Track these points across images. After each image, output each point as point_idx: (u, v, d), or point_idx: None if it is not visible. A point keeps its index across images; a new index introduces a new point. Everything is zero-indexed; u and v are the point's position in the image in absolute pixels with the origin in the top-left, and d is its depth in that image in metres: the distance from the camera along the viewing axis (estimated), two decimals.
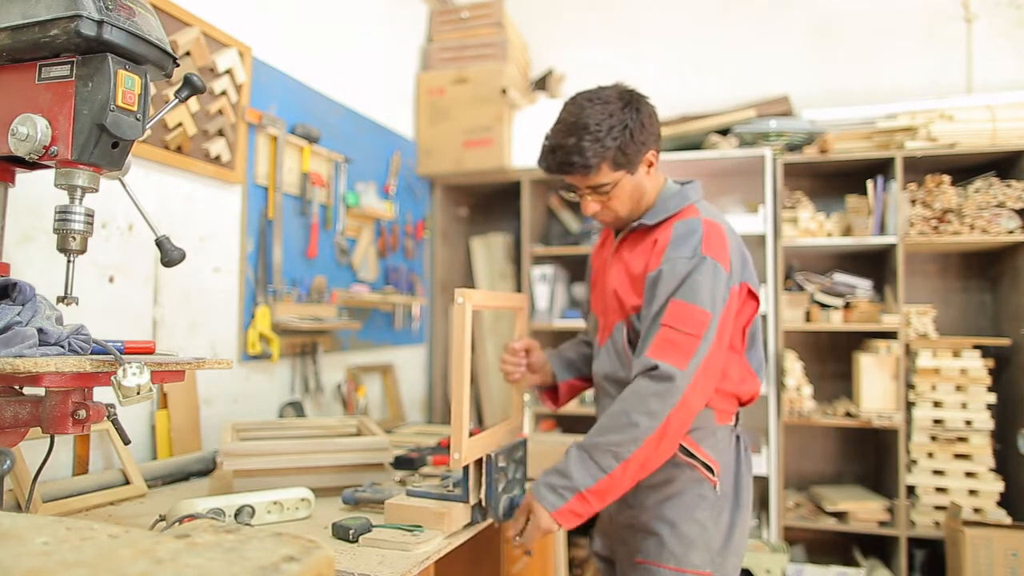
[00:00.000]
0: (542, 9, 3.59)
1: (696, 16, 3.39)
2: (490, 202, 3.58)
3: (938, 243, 2.70)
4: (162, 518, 1.15)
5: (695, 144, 3.02)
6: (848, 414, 2.74)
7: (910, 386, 2.70)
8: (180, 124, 1.79)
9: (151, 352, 1.09)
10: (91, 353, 0.99)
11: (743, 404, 1.52)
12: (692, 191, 1.50)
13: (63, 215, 1.05)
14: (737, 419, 1.52)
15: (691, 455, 1.43)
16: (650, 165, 1.46)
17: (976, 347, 2.66)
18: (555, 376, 1.71)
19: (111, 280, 1.63)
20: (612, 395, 1.49)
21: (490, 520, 1.35)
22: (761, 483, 2.69)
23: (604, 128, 1.37)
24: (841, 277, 2.88)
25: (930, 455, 2.65)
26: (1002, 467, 2.65)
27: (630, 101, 1.43)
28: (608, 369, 1.51)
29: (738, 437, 1.50)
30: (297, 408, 2.22)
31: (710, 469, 1.43)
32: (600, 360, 1.55)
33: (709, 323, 1.31)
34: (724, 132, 2.98)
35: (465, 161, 3.06)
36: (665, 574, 1.39)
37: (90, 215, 1.07)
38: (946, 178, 2.68)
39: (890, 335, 2.72)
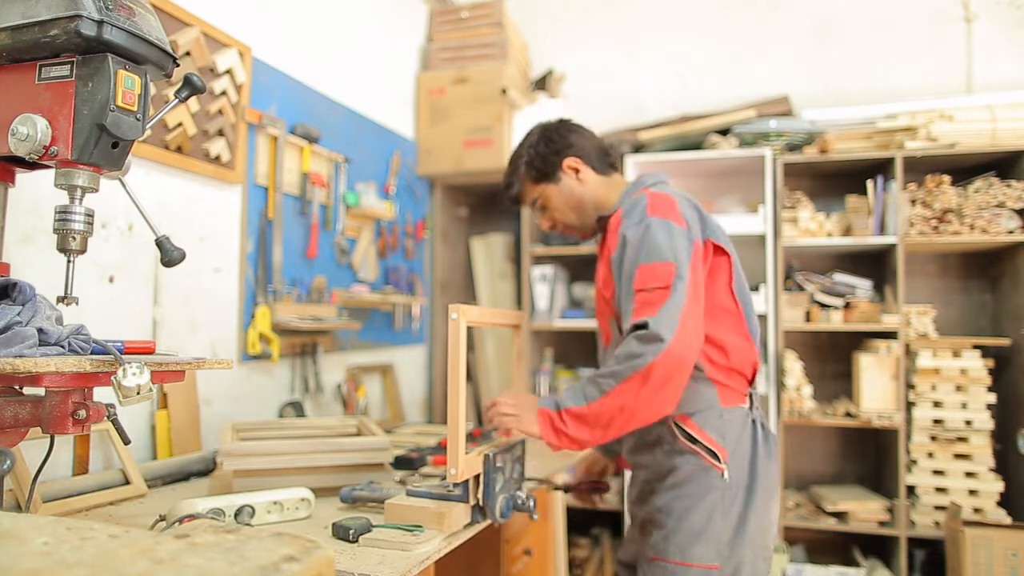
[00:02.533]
0: (542, 9, 3.59)
1: (696, 16, 3.39)
2: (490, 202, 3.57)
3: (938, 243, 2.70)
4: (162, 518, 1.15)
5: (695, 144, 3.02)
6: (848, 414, 2.74)
7: (910, 386, 2.70)
8: (180, 124, 1.79)
9: (151, 352, 1.09)
10: (91, 353, 0.99)
11: (750, 382, 1.49)
12: (647, 177, 1.58)
13: (63, 215, 1.04)
14: (752, 402, 1.48)
15: (693, 440, 1.40)
16: (576, 171, 1.59)
17: (976, 347, 2.66)
18: (607, 457, 1.82)
19: (111, 280, 1.63)
20: None
21: (489, 520, 1.35)
22: None
23: (516, 156, 1.64)
24: (841, 277, 2.88)
25: (930, 455, 2.65)
26: (1002, 467, 2.65)
27: (538, 127, 1.64)
28: None
29: (754, 421, 1.45)
30: (297, 408, 2.22)
31: (716, 456, 1.39)
32: (607, 361, 1.57)
33: (675, 271, 1.32)
34: (724, 132, 2.98)
35: (465, 161, 3.06)
36: (672, 569, 1.37)
37: (90, 215, 1.07)
38: (946, 178, 2.68)
39: (890, 335, 2.72)
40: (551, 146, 1.59)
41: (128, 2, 1.00)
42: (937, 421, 2.66)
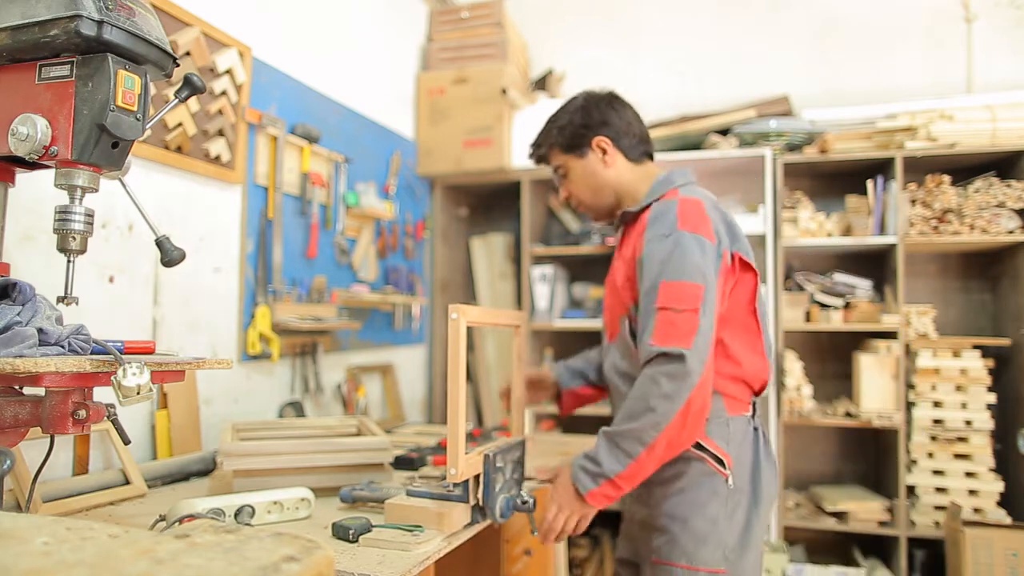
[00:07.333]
0: (542, 9, 3.59)
1: (696, 16, 3.39)
2: (490, 202, 3.58)
3: (938, 243, 2.70)
4: (162, 518, 1.15)
5: (695, 144, 3.02)
6: (848, 414, 2.74)
7: (910, 386, 2.70)
8: (180, 124, 1.79)
9: (151, 352, 1.09)
10: (91, 353, 0.99)
11: (757, 393, 1.49)
12: (677, 176, 1.53)
13: (63, 215, 1.04)
14: (754, 410, 1.48)
15: (701, 447, 1.41)
16: (604, 152, 1.54)
17: (976, 347, 2.66)
18: (559, 385, 1.79)
19: (111, 280, 1.63)
20: (622, 390, 1.50)
21: (489, 520, 1.34)
22: None
23: (552, 118, 1.60)
24: (841, 277, 2.88)
25: (930, 455, 2.65)
26: (1002, 467, 2.65)
27: (582, 95, 1.59)
28: (616, 363, 1.52)
29: (756, 429, 1.47)
30: (297, 408, 2.22)
31: (721, 462, 1.40)
32: (610, 356, 1.56)
33: (703, 295, 1.30)
34: (724, 132, 2.98)
35: (465, 161, 3.06)
36: (679, 573, 1.37)
37: (90, 215, 1.07)
38: (946, 178, 2.68)
39: (890, 335, 2.72)
40: (586, 119, 1.54)
41: (128, 2, 1.00)
42: (937, 421, 2.66)
